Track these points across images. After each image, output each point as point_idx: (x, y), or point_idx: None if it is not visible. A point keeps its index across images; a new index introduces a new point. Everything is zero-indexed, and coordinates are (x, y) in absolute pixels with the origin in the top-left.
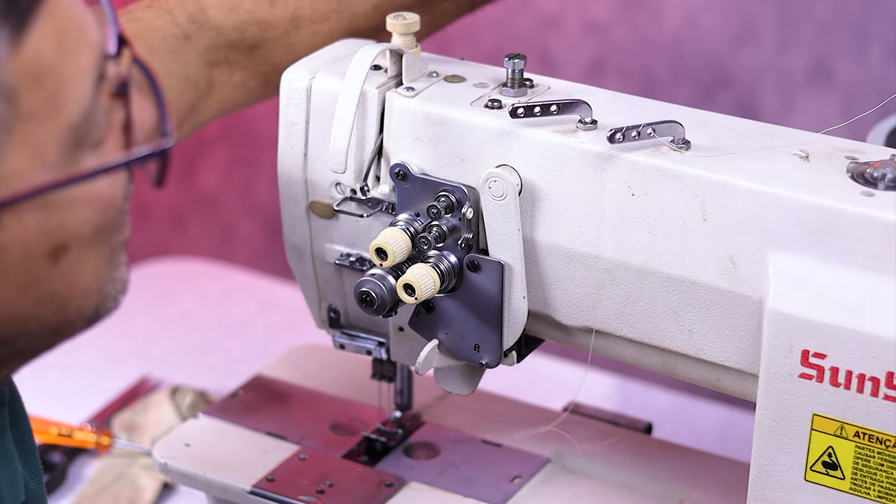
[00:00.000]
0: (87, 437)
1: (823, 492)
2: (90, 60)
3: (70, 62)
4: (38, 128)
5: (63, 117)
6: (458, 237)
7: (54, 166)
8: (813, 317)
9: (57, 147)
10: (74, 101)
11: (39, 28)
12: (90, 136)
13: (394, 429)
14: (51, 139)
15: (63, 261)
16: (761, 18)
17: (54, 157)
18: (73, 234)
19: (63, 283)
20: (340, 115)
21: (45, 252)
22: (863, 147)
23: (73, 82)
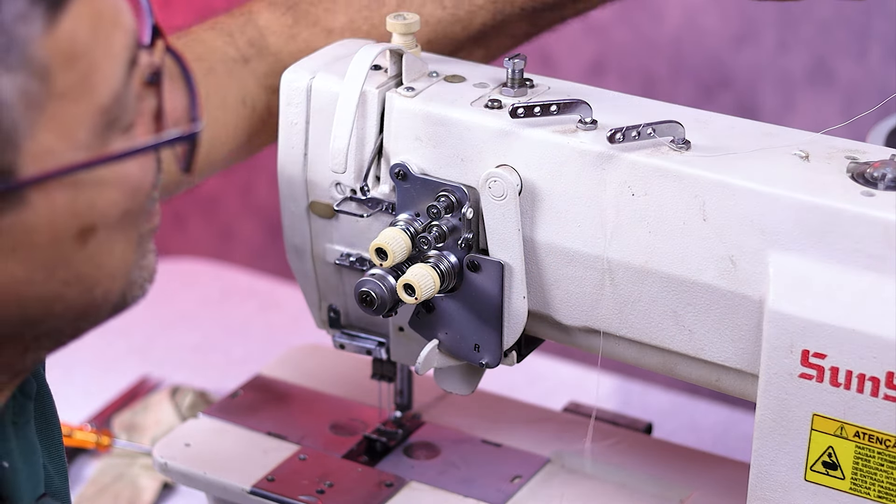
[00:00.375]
0: (88, 437)
1: (823, 492)
2: (123, 45)
3: (103, 45)
4: (69, 107)
5: (94, 98)
6: (458, 237)
7: (84, 147)
8: (813, 317)
9: (87, 128)
10: (106, 84)
11: (75, 9)
12: (121, 120)
13: (394, 429)
14: (81, 119)
15: (90, 243)
16: (761, 18)
17: (84, 137)
18: (101, 216)
19: (90, 266)
20: (340, 115)
21: (73, 233)
22: (863, 147)
23: (105, 65)
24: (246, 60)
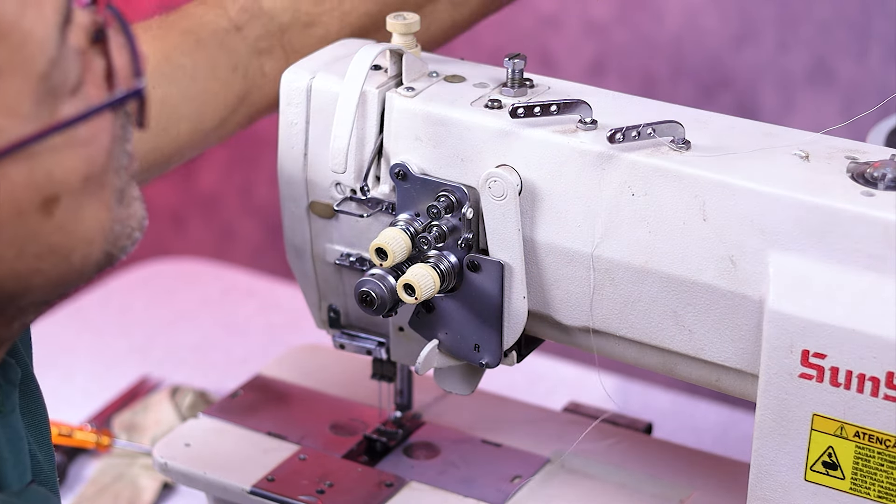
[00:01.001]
0: (88, 437)
1: (823, 492)
2: (53, 7)
3: (31, 11)
4: (7, 83)
5: (32, 68)
6: (458, 237)
7: (32, 118)
8: (813, 317)
9: (30, 99)
10: (40, 51)
11: None
12: (65, 84)
13: (394, 429)
14: (23, 92)
15: (56, 212)
16: (761, 18)
17: (29, 109)
18: (62, 184)
19: (61, 235)
20: (340, 115)
21: (36, 206)
22: (863, 147)
23: (37, 32)
24: (238, 28)
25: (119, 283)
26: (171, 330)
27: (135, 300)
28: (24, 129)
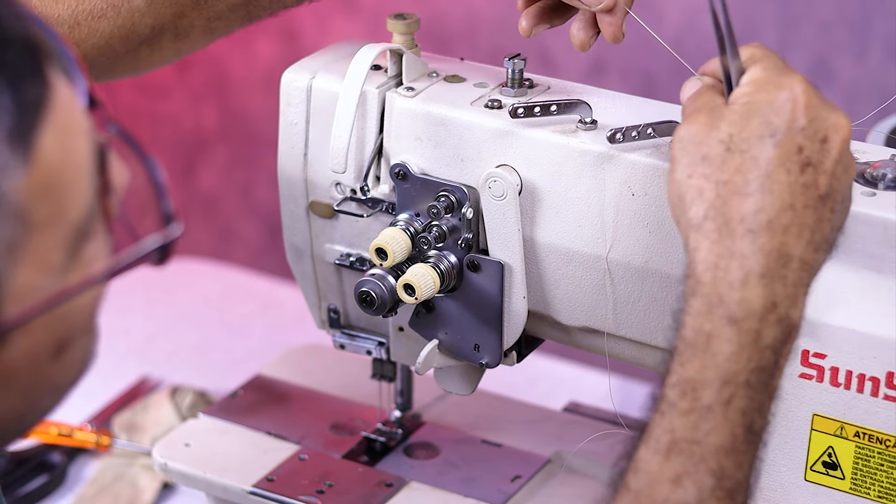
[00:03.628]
0: (87, 437)
1: (823, 492)
2: (87, 152)
3: (72, 161)
4: (45, 237)
5: (69, 220)
6: (458, 237)
7: (62, 270)
8: (813, 317)
9: (63, 251)
10: (79, 201)
11: (47, 139)
12: (90, 229)
13: (394, 429)
14: (57, 245)
15: (65, 355)
16: (761, 18)
17: (61, 261)
18: (76, 328)
19: (63, 374)
20: (340, 115)
21: (50, 354)
22: (863, 147)
23: (76, 182)
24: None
25: (119, 283)
26: (171, 330)
27: (134, 300)
28: (54, 283)
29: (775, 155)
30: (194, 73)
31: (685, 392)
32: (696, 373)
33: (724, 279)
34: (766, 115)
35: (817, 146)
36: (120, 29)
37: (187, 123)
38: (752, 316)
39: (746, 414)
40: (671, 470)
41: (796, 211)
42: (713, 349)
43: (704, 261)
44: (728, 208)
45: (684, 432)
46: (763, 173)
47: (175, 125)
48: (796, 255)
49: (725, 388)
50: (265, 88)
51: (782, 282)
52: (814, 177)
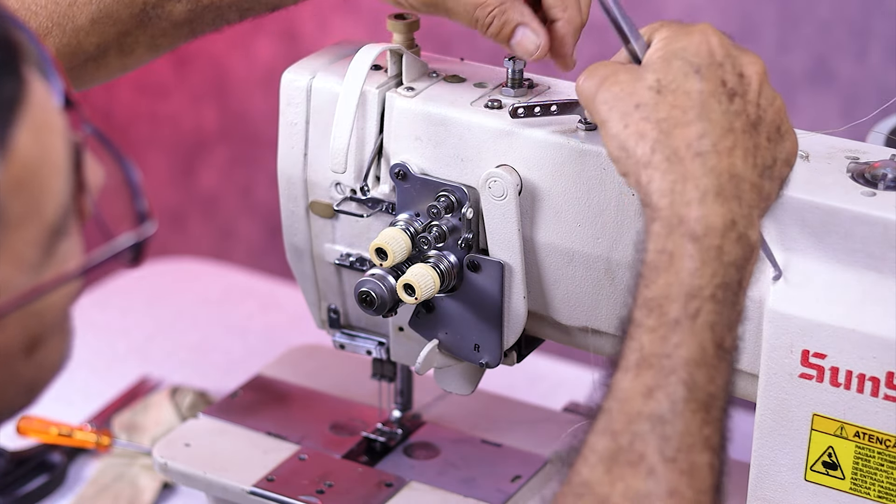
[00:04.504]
0: (87, 437)
1: (823, 492)
2: (62, 150)
3: (47, 158)
4: (19, 234)
5: (44, 217)
6: (458, 237)
7: (37, 267)
8: (813, 317)
9: (38, 248)
10: (53, 199)
11: (22, 136)
12: (66, 226)
13: (394, 429)
14: (31, 242)
15: (38, 352)
16: (761, 18)
17: (36, 258)
18: (49, 325)
19: (36, 372)
20: (340, 115)
21: (22, 350)
22: (863, 147)
23: (51, 180)
24: None
25: (119, 283)
26: (171, 330)
27: (135, 300)
28: (28, 280)
29: (704, 87)
30: (194, 73)
31: (651, 310)
32: (661, 290)
33: (682, 200)
34: (686, 56)
35: (737, 79)
36: (66, 47)
37: (187, 123)
38: (713, 232)
39: (715, 329)
40: (642, 384)
41: (736, 134)
42: (676, 266)
43: (659, 189)
44: (672, 139)
45: (653, 347)
46: (697, 103)
47: (175, 125)
48: (746, 176)
49: (691, 301)
50: (265, 88)
51: (738, 201)
52: (742, 105)
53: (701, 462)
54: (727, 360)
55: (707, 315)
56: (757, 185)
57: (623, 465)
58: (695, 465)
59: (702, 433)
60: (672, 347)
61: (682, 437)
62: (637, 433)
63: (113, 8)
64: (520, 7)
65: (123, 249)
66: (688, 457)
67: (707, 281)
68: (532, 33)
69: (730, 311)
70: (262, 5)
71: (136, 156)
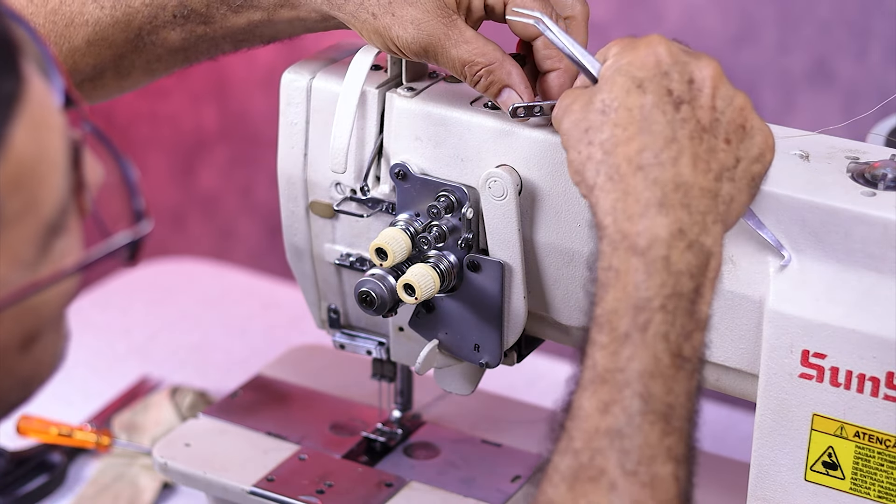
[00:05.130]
0: (87, 437)
1: (823, 492)
2: (61, 148)
3: (45, 155)
4: (16, 231)
5: (41, 215)
6: (458, 237)
7: (33, 265)
8: (813, 317)
9: (34, 246)
10: (51, 197)
11: (20, 133)
12: (63, 224)
13: (394, 429)
14: (28, 239)
15: (34, 348)
16: (761, 18)
17: (32, 255)
18: (45, 321)
19: (31, 367)
20: (340, 115)
21: (17, 345)
22: (863, 147)
23: (49, 177)
24: None
25: (119, 283)
26: (171, 330)
27: (134, 300)
28: (24, 276)
29: (646, 101)
30: (194, 73)
31: (602, 326)
32: (610, 306)
33: (624, 216)
34: (630, 71)
35: (686, 87)
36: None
37: (187, 123)
38: (658, 243)
39: (669, 339)
40: (599, 400)
41: (681, 143)
42: (623, 281)
43: (603, 208)
44: (614, 157)
45: (606, 362)
46: (638, 118)
47: (175, 125)
48: (696, 183)
49: (640, 314)
50: (265, 88)
51: (686, 209)
52: (691, 112)
53: (664, 473)
54: (687, 369)
55: (658, 326)
56: (711, 190)
57: (585, 482)
58: (657, 477)
59: (663, 444)
60: (625, 361)
61: (641, 450)
62: (597, 449)
63: (109, 31)
64: (507, 67)
65: (120, 247)
66: (649, 469)
67: (655, 292)
68: (517, 95)
69: (685, 320)
70: (256, 38)
71: (136, 155)
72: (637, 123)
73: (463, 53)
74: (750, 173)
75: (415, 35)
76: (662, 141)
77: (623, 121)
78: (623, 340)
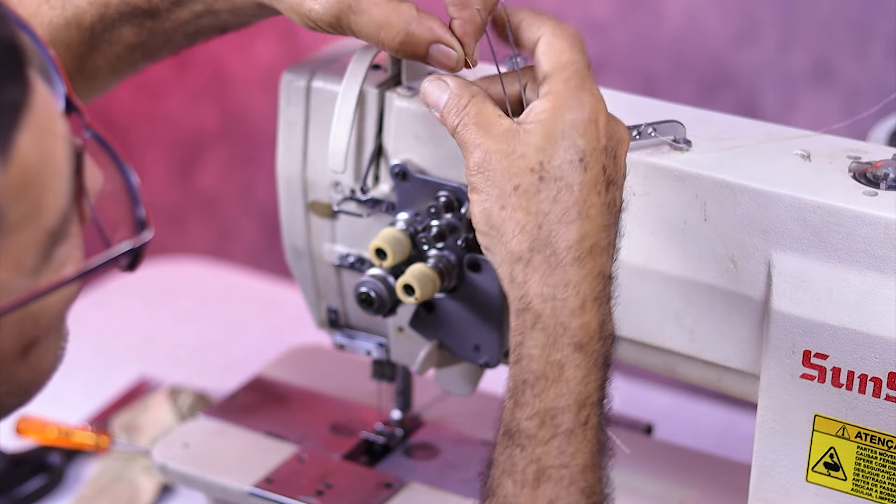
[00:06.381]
0: (86, 438)
1: (825, 493)
2: (64, 155)
3: (49, 163)
4: (19, 237)
5: (44, 222)
6: (458, 237)
7: (35, 271)
8: (815, 317)
9: (36, 252)
10: (54, 204)
11: (25, 140)
12: (64, 232)
13: (393, 429)
14: (31, 246)
15: (32, 354)
16: (762, 17)
17: (34, 262)
18: (44, 328)
19: (30, 373)
20: (340, 115)
21: (17, 351)
22: (864, 146)
23: (52, 185)
24: None
25: (118, 283)
26: (170, 330)
27: (133, 300)
28: (26, 283)
29: (587, 179)
30: (194, 72)
31: (544, 421)
32: (553, 401)
33: (564, 308)
34: (572, 137)
35: (612, 162)
36: None
37: (187, 123)
38: (593, 338)
39: (600, 430)
40: (543, 498)
41: (609, 231)
42: (566, 376)
43: (540, 294)
44: (554, 238)
45: (550, 459)
46: (579, 199)
47: (174, 125)
48: (609, 272)
49: (582, 410)
50: (265, 88)
51: (607, 301)
52: (614, 194)
53: None
54: (606, 453)
55: (594, 419)
56: (614, 276)
57: None
58: None
59: None
60: (569, 458)
61: None
62: None
63: (63, 32)
64: (427, 22)
65: (120, 255)
66: None
67: (593, 387)
68: (447, 49)
69: (606, 408)
70: (206, 29)
71: (136, 156)
72: (578, 205)
73: (375, 16)
74: None
75: (325, 5)
76: (597, 229)
77: (565, 199)
78: (567, 437)
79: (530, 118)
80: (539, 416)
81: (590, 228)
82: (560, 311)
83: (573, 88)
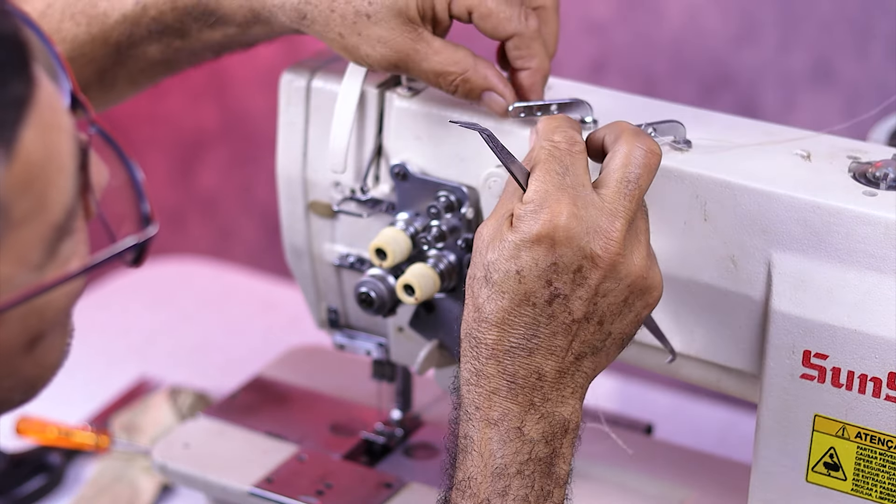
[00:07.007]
0: (86, 438)
1: (825, 493)
2: (69, 151)
3: (54, 158)
4: (24, 232)
5: (49, 217)
6: (458, 237)
7: (40, 266)
8: (815, 317)
9: (42, 247)
10: (59, 199)
11: (30, 136)
12: (70, 226)
13: (393, 429)
14: (36, 241)
15: (38, 349)
16: (762, 17)
17: (39, 257)
18: (50, 323)
19: (36, 368)
20: (340, 115)
21: (23, 346)
22: (864, 146)
23: (57, 180)
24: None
25: (118, 283)
26: (170, 330)
27: (134, 300)
28: (31, 278)
29: (521, 290)
30: (194, 72)
31: (464, 491)
32: (470, 471)
33: (478, 393)
34: (518, 249)
35: (569, 277)
36: None
37: (187, 123)
38: (510, 417)
39: (528, 500)
40: None
41: (541, 338)
42: (480, 449)
43: (463, 375)
44: (478, 332)
45: None
46: (505, 307)
47: (174, 125)
48: (549, 370)
49: (499, 480)
50: (265, 88)
51: (539, 392)
52: (564, 305)
53: None
54: None
55: (518, 489)
56: (568, 371)
57: None
58: None
59: None
60: None
61: None
62: None
63: (87, 48)
64: (482, 71)
65: (125, 250)
66: None
67: (510, 460)
68: (498, 97)
69: (544, 482)
70: (235, 45)
71: (136, 156)
72: (501, 314)
73: (434, 65)
74: (624, 333)
75: (383, 53)
76: (518, 337)
77: (493, 300)
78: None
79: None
80: (459, 486)
81: (508, 336)
82: (474, 395)
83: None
